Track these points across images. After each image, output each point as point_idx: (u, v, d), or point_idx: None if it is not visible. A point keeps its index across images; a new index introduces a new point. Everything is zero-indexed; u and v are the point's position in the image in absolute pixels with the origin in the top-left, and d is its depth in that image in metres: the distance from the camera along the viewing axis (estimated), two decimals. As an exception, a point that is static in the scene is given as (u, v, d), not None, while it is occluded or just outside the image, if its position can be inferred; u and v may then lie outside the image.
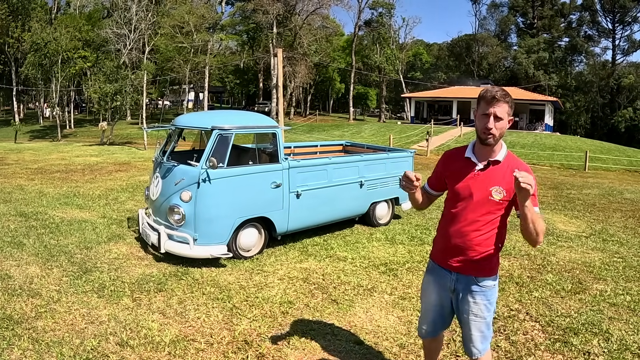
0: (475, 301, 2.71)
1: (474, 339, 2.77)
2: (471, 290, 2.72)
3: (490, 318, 2.77)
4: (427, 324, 2.99)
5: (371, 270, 5.82)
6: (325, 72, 59.92)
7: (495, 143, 2.57)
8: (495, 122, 2.50)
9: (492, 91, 2.53)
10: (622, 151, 28.27)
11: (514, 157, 2.66)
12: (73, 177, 12.51)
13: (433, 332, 3.01)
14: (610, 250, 7.04)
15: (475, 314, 2.73)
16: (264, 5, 44.39)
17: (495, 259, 2.72)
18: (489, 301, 2.73)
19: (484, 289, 2.71)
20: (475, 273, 2.70)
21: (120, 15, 38.55)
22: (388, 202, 8.11)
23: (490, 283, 2.72)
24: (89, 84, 29.19)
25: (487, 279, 2.71)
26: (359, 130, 36.63)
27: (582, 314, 4.67)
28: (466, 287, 2.74)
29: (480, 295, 2.71)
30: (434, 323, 2.96)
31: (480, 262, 2.68)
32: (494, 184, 2.58)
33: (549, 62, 63.36)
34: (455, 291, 2.78)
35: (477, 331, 2.75)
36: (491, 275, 2.72)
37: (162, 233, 5.72)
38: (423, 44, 76.96)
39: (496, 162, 2.61)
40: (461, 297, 2.76)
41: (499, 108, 2.50)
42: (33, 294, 4.74)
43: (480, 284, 2.71)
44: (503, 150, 2.63)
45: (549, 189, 13.27)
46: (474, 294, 2.71)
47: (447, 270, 2.80)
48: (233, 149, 6.06)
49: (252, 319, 4.39)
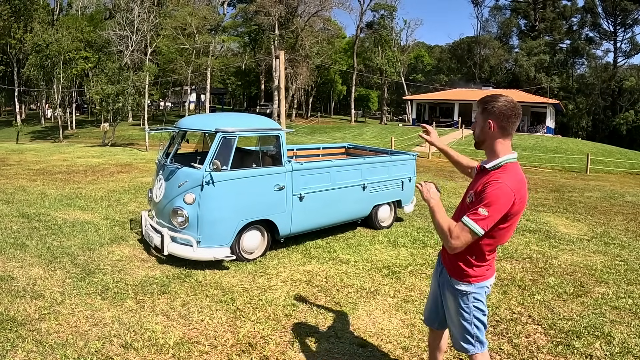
0: (449, 298, 2.79)
1: (455, 336, 2.83)
2: (448, 287, 2.79)
3: (467, 323, 2.73)
4: (426, 309, 3.15)
5: (374, 273, 5.83)
6: (326, 74, 59.97)
7: (479, 146, 2.70)
8: (474, 124, 2.69)
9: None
10: (623, 154, 28.24)
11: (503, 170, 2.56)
12: (75, 178, 12.53)
13: (429, 319, 3.10)
14: (612, 254, 7.05)
15: (449, 311, 2.82)
16: (265, 7, 44.46)
17: (463, 267, 2.68)
18: (461, 305, 2.71)
19: (455, 290, 2.73)
20: (451, 274, 2.76)
21: (122, 17, 38.62)
22: (390, 205, 8.12)
23: (463, 288, 2.70)
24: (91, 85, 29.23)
25: (461, 283, 2.70)
26: (360, 133, 36.64)
27: (584, 317, 4.68)
28: (444, 283, 2.82)
29: (452, 296, 2.76)
30: (430, 309, 3.07)
31: (452, 263, 2.74)
32: (471, 189, 2.67)
33: (550, 64, 63.32)
34: (439, 283, 2.89)
35: (458, 330, 2.79)
36: (462, 279, 2.70)
37: (165, 235, 5.74)
38: (425, 46, 76.96)
39: (484, 168, 2.65)
40: (441, 291, 2.87)
41: (476, 113, 2.70)
42: (36, 296, 4.76)
43: (452, 284, 2.74)
44: (497, 160, 2.59)
45: (551, 192, 13.27)
46: (449, 293, 2.78)
47: (440, 261, 2.92)
48: (236, 152, 6.08)
49: (256, 322, 4.40)
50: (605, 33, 67.21)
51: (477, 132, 2.67)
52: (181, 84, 51.93)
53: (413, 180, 8.34)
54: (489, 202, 2.43)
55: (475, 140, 2.72)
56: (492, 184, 2.47)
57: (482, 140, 2.65)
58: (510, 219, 2.54)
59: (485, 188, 2.48)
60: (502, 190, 2.45)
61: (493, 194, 2.44)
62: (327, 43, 52.54)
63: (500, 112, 2.56)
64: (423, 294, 5.18)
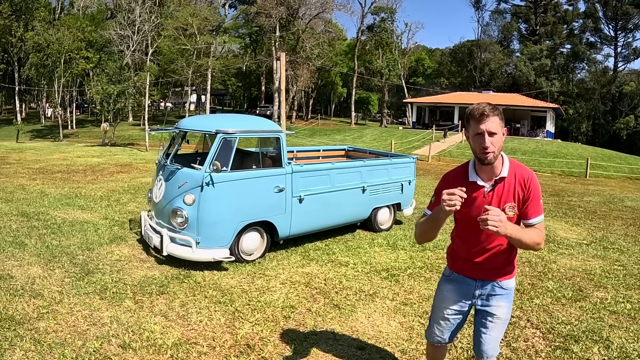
0: (500, 304, 2.75)
1: (493, 342, 2.80)
2: (495, 294, 2.75)
3: (507, 322, 2.85)
4: (443, 332, 2.94)
5: (373, 275, 5.83)
6: (327, 76, 60.00)
7: (496, 160, 2.49)
8: (490, 138, 2.40)
9: (479, 108, 2.43)
10: (623, 159, 28.27)
11: (517, 166, 2.60)
12: (75, 177, 12.53)
13: (449, 340, 2.99)
14: (611, 258, 7.05)
15: (500, 317, 2.77)
16: (267, 9, 44.50)
17: (514, 260, 2.78)
18: (510, 305, 2.80)
19: (507, 291, 2.76)
20: (498, 277, 2.74)
21: (123, 17, 38.65)
22: (390, 208, 8.12)
23: (512, 284, 2.78)
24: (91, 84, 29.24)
25: (510, 281, 2.76)
26: (360, 135, 36.67)
27: (583, 322, 4.68)
28: (491, 291, 2.76)
29: (505, 299, 2.76)
30: (451, 331, 2.93)
31: (501, 268, 2.73)
32: (506, 201, 2.54)
33: (550, 69, 63.39)
34: (480, 297, 2.79)
35: (499, 333, 2.82)
36: (512, 276, 2.78)
37: (164, 236, 5.74)
38: (425, 50, 77.10)
39: (502, 179, 2.54)
40: (485, 301, 2.78)
41: (491, 123, 2.40)
42: (35, 295, 4.76)
43: (503, 287, 2.75)
44: (505, 163, 2.56)
45: (550, 196, 13.28)
46: (498, 298, 2.75)
47: (470, 278, 2.79)
48: (237, 153, 6.08)
49: (254, 323, 4.40)
50: (606, 38, 67.31)
51: (499, 144, 2.45)
52: (182, 85, 51.94)
53: (413, 183, 8.35)
54: (538, 192, 2.57)
55: (496, 153, 2.45)
56: (529, 179, 2.57)
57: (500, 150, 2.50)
58: None
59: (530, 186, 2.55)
60: (535, 177, 2.60)
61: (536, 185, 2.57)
62: (328, 45, 52.58)
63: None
64: (422, 297, 5.18)
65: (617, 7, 62.98)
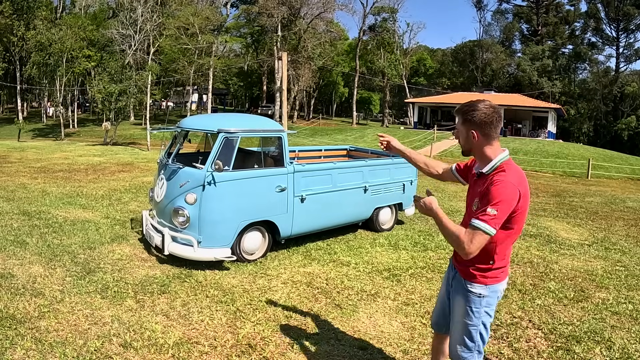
0: (458, 301, 2.75)
1: (454, 343, 2.79)
2: (458, 289, 2.77)
3: (473, 327, 2.70)
4: (434, 314, 3.14)
5: (374, 275, 5.82)
6: (328, 76, 60.00)
7: (467, 153, 2.71)
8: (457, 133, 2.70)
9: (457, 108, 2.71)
10: (624, 159, 28.24)
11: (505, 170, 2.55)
12: (76, 176, 12.54)
13: (437, 324, 3.09)
14: (613, 259, 7.04)
15: (455, 314, 2.78)
16: (268, 9, 44.48)
17: (481, 269, 2.66)
18: (470, 308, 2.69)
19: (467, 292, 2.70)
20: (464, 276, 2.73)
21: (125, 16, 38.66)
22: (391, 208, 8.11)
23: (475, 289, 2.67)
24: (93, 83, 29.25)
25: (473, 284, 2.68)
26: (362, 135, 36.65)
27: (585, 322, 4.67)
28: (457, 285, 2.80)
29: (463, 298, 2.72)
30: (437, 314, 3.08)
31: (469, 269, 2.70)
32: (475, 196, 2.62)
33: (552, 69, 63.34)
34: (451, 287, 2.88)
35: (458, 335, 2.75)
36: (476, 282, 2.67)
37: (166, 235, 5.74)
38: (427, 50, 77.00)
39: (481, 174, 2.64)
40: (452, 295, 2.85)
41: (457, 121, 2.72)
42: (36, 294, 4.75)
43: (466, 287, 2.71)
44: (491, 163, 2.59)
45: (552, 197, 13.26)
46: (458, 295, 2.76)
47: (452, 265, 2.92)
48: (238, 152, 6.07)
49: (256, 323, 4.39)
50: (607, 38, 67.23)
51: (462, 142, 2.70)
52: (183, 84, 52.00)
53: (414, 183, 8.34)
54: (496, 201, 2.42)
55: (462, 149, 2.75)
56: (496, 183, 2.47)
57: (469, 149, 2.69)
58: (519, 215, 2.53)
59: (490, 188, 2.47)
60: (506, 187, 2.45)
61: (499, 192, 2.43)
62: (329, 45, 52.59)
63: (481, 121, 2.55)
64: (423, 297, 5.17)
65: (619, 8, 62.89)
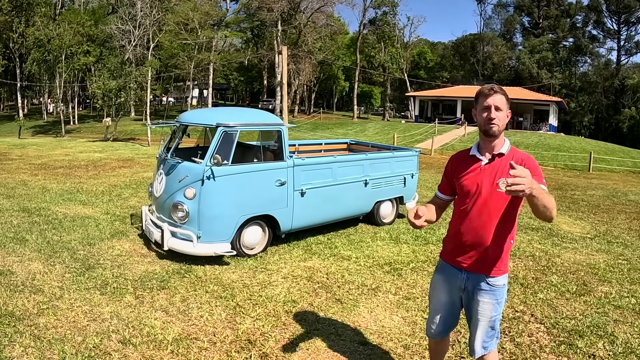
0: (484, 300, 2.71)
1: (480, 338, 2.76)
2: (481, 289, 2.71)
3: (497, 317, 2.76)
4: (438, 324, 2.94)
5: (375, 269, 5.79)
6: (329, 70, 59.85)
7: (499, 134, 2.63)
8: (496, 112, 2.59)
9: (489, 85, 2.65)
10: (626, 152, 28.14)
11: (517, 151, 2.69)
12: (76, 173, 12.51)
13: (444, 332, 2.98)
14: (615, 252, 7.00)
15: (483, 314, 2.72)
16: (268, 3, 44.31)
17: (505, 256, 2.70)
18: (497, 300, 2.72)
19: (493, 287, 2.70)
20: (485, 271, 2.69)
21: (125, 12, 38.57)
22: (392, 201, 8.07)
23: (500, 282, 2.71)
24: (93, 79, 29.19)
25: (497, 278, 2.70)
26: (363, 129, 36.58)
27: (587, 316, 4.64)
28: (476, 285, 2.73)
29: (490, 294, 2.70)
30: (445, 322, 2.93)
31: (490, 260, 2.67)
32: (500, 176, 2.57)
33: (553, 62, 63.13)
34: (466, 290, 2.78)
35: (484, 330, 2.75)
36: (501, 273, 2.71)
37: (165, 230, 5.70)
38: (428, 43, 76.70)
39: (501, 154, 2.65)
40: (471, 295, 2.76)
41: (498, 98, 2.59)
42: (35, 291, 4.73)
43: (490, 283, 2.69)
44: (506, 144, 2.68)
45: (553, 190, 13.21)
46: (483, 293, 2.71)
47: (458, 269, 2.79)
48: (238, 146, 6.03)
49: (256, 318, 4.37)
50: (608, 31, 66.95)
51: (502, 122, 2.62)
52: (183, 79, 51.91)
53: (415, 176, 8.30)
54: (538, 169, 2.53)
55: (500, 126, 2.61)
56: (528, 159, 2.56)
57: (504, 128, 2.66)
58: None
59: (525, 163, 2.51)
60: (534, 159, 2.60)
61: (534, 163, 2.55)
62: (329, 39, 52.45)
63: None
64: (425, 291, 5.13)
65: (620, 1, 62.57)
